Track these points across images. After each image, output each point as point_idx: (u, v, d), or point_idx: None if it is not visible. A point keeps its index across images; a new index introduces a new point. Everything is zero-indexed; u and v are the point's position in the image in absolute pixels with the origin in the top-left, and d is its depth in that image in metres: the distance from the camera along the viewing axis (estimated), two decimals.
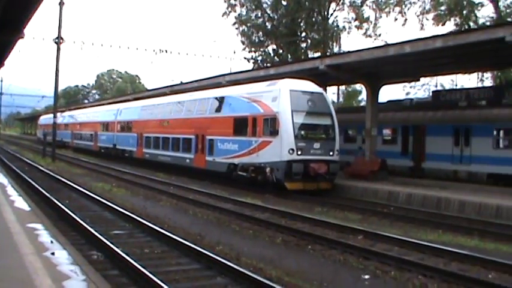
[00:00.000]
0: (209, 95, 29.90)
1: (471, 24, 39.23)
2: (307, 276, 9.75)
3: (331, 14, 54.26)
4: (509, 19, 34.54)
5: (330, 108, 24.04)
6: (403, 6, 43.87)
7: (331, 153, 23.08)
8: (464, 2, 39.36)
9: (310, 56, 51.34)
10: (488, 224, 16.47)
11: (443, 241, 13.58)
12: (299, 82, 23.93)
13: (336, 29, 53.72)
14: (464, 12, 39.58)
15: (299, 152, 22.19)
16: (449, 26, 40.53)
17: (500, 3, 38.60)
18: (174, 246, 11.59)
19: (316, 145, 22.78)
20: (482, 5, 39.51)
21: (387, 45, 23.89)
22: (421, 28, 47.99)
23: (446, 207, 19.11)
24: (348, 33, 53.73)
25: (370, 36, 51.79)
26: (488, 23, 37.48)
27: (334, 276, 9.85)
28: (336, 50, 50.50)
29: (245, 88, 26.73)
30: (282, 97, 22.98)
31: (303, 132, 22.74)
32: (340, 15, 70.25)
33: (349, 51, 27.96)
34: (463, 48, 20.09)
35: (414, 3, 44.87)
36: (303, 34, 55.20)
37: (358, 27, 52.55)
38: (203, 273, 9.70)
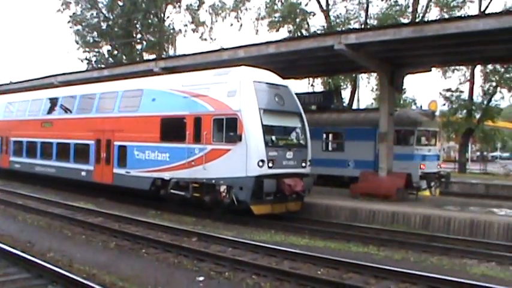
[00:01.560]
0: (117, 87, 23.01)
1: (303, 32, 41.53)
2: (142, 280, 9.69)
3: (168, 17, 54.73)
4: (338, 29, 37.25)
5: (299, 106, 18.98)
6: (239, 11, 45.40)
7: (303, 164, 18.22)
8: (298, 11, 41.61)
9: (145, 58, 51.05)
10: (318, 223, 17.58)
11: (276, 241, 14.15)
12: (260, 72, 18.50)
13: (172, 31, 53.99)
14: (297, 20, 41.84)
15: (270, 164, 17.00)
16: (284, 32, 42.70)
17: (331, 13, 41.62)
18: (0, 255, 10.88)
19: (289, 154, 17.79)
20: (314, 14, 42.08)
21: (223, 49, 24.27)
22: (256, 33, 50.63)
23: None
24: (184, 36, 54.31)
25: (205, 39, 52.89)
26: (319, 32, 40.12)
27: (168, 279, 9.90)
28: (171, 52, 50.81)
29: (176, 79, 20.56)
30: (243, 91, 17.32)
31: (273, 138, 17.71)
32: (176, 18, 70.68)
33: (184, 54, 27.91)
34: (296, 54, 21.02)
35: (250, 9, 46.69)
36: (139, 36, 54.78)
37: (194, 31, 53.30)
38: (33, 282, 9.26)
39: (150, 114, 20.33)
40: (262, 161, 16.90)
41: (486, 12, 35.21)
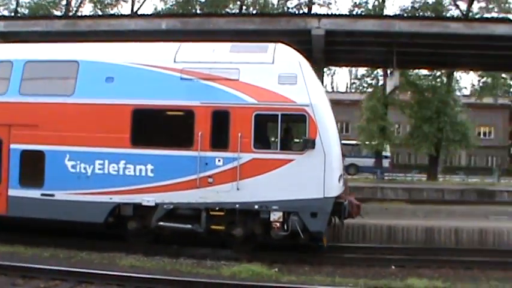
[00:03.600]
0: (12, 54, 13.78)
1: None
2: None
3: None
4: None
5: None
6: None
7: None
8: None
9: None
10: None
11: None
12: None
13: None
14: None
15: (340, 181, 12.28)
16: None
17: None
18: None
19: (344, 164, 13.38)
20: None
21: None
22: None
23: None
24: None
25: None
26: None
27: None
28: None
29: (158, 50, 13.41)
30: (308, 77, 12.25)
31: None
32: None
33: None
34: None
35: None
36: None
37: None
38: None
39: (106, 101, 12.69)
40: (341, 175, 12.28)
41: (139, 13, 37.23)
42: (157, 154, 12.28)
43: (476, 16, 35.66)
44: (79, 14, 36.90)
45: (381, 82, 36.78)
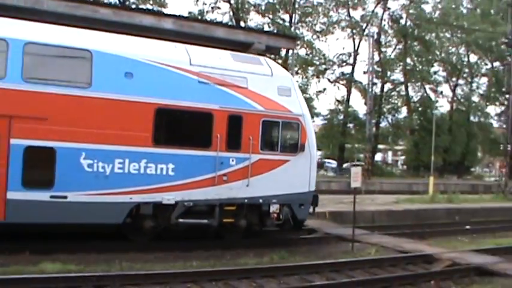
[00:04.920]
0: (8, 32, 11.47)
1: None
2: None
3: None
4: None
5: None
6: None
7: None
8: None
9: None
10: None
11: None
12: None
13: None
14: None
15: None
16: None
17: None
18: None
19: None
20: None
21: None
22: None
23: None
24: None
25: None
26: None
27: None
28: None
29: (174, 50, 13.54)
30: (298, 90, 14.92)
31: None
32: None
33: None
34: None
35: None
36: None
37: None
38: None
39: (127, 98, 12.22)
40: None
41: None
42: (178, 153, 12.67)
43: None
44: None
45: None
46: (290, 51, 41.23)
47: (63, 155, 11.54)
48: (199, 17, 42.23)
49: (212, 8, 46.61)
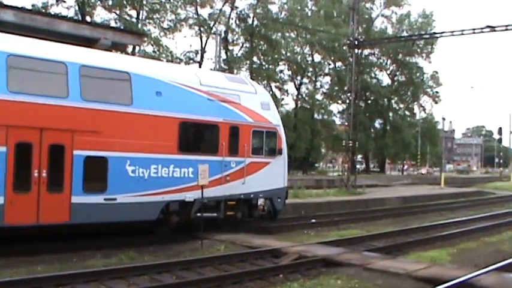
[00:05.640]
0: (66, 55, 13.30)
1: None
2: None
3: None
4: None
5: None
6: None
7: None
8: None
9: None
10: None
11: None
12: None
13: None
14: None
15: None
16: None
17: None
18: None
19: None
20: None
21: None
22: None
23: None
24: None
25: None
26: None
27: None
28: None
29: (188, 73, 17.00)
30: (273, 105, 18.21)
31: None
32: None
33: None
34: None
35: None
36: None
37: None
38: None
39: (158, 113, 14.61)
40: None
41: None
42: (196, 159, 15.22)
43: None
44: None
45: None
46: (137, 48, 43.06)
47: (113, 163, 13.64)
48: (43, 10, 40.59)
49: (57, 1, 44.66)
